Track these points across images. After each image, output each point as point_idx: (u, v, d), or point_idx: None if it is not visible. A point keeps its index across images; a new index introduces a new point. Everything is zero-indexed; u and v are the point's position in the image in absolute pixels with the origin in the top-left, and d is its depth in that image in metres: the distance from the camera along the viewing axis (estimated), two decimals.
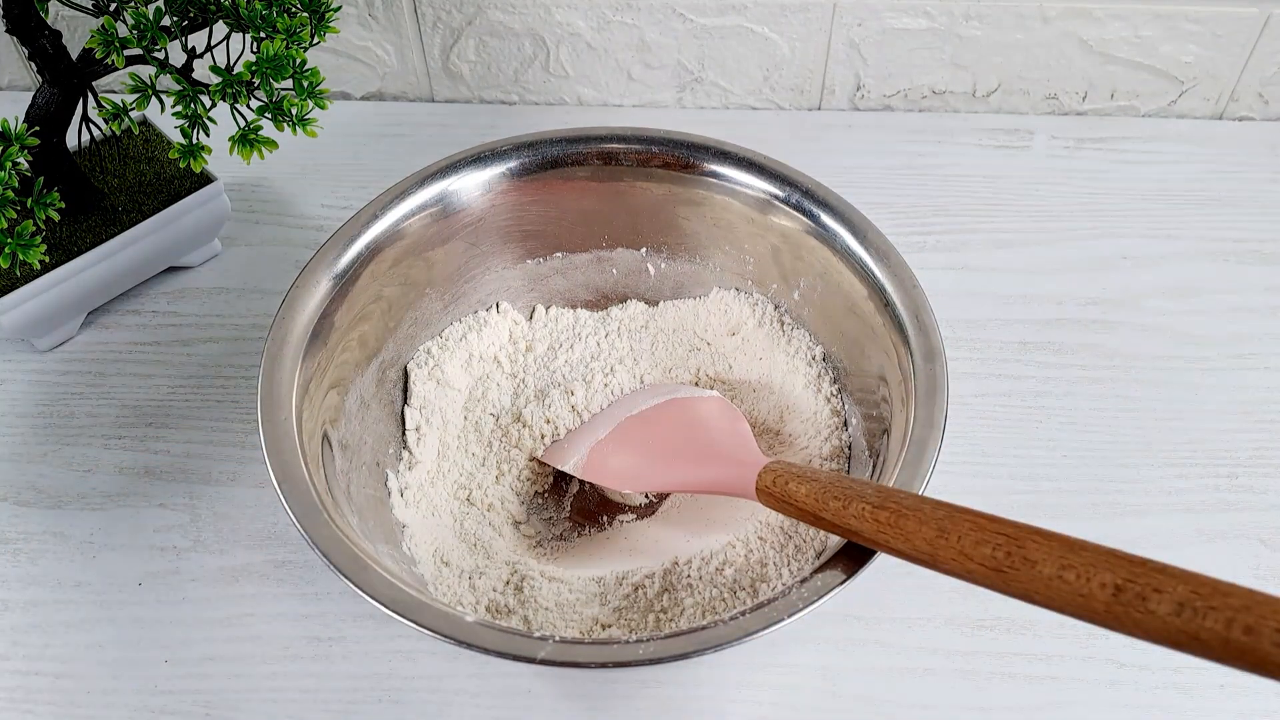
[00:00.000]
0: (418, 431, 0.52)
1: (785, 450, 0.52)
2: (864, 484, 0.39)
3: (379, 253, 0.51)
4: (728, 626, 0.38)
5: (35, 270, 0.55)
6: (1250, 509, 0.52)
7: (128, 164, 0.61)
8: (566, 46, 0.71)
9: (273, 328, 0.46)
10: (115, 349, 0.59)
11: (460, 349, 0.56)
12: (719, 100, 0.74)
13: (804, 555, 0.46)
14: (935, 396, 0.44)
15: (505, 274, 0.57)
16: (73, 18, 0.71)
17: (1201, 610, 0.27)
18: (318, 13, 0.51)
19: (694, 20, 0.69)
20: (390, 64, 0.73)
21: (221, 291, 0.62)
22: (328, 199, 0.67)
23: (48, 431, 0.55)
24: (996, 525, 0.34)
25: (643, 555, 0.49)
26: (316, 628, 0.48)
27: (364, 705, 0.46)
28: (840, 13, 0.68)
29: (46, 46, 0.52)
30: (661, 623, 0.45)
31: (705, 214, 0.56)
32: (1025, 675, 0.46)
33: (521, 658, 0.37)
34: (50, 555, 0.51)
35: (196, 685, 0.46)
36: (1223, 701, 0.45)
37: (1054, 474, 0.53)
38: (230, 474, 0.54)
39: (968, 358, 0.58)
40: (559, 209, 0.56)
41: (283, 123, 0.48)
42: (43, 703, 0.46)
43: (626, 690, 0.46)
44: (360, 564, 0.39)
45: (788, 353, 0.55)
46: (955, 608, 0.48)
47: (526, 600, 0.46)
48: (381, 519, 0.48)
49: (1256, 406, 0.56)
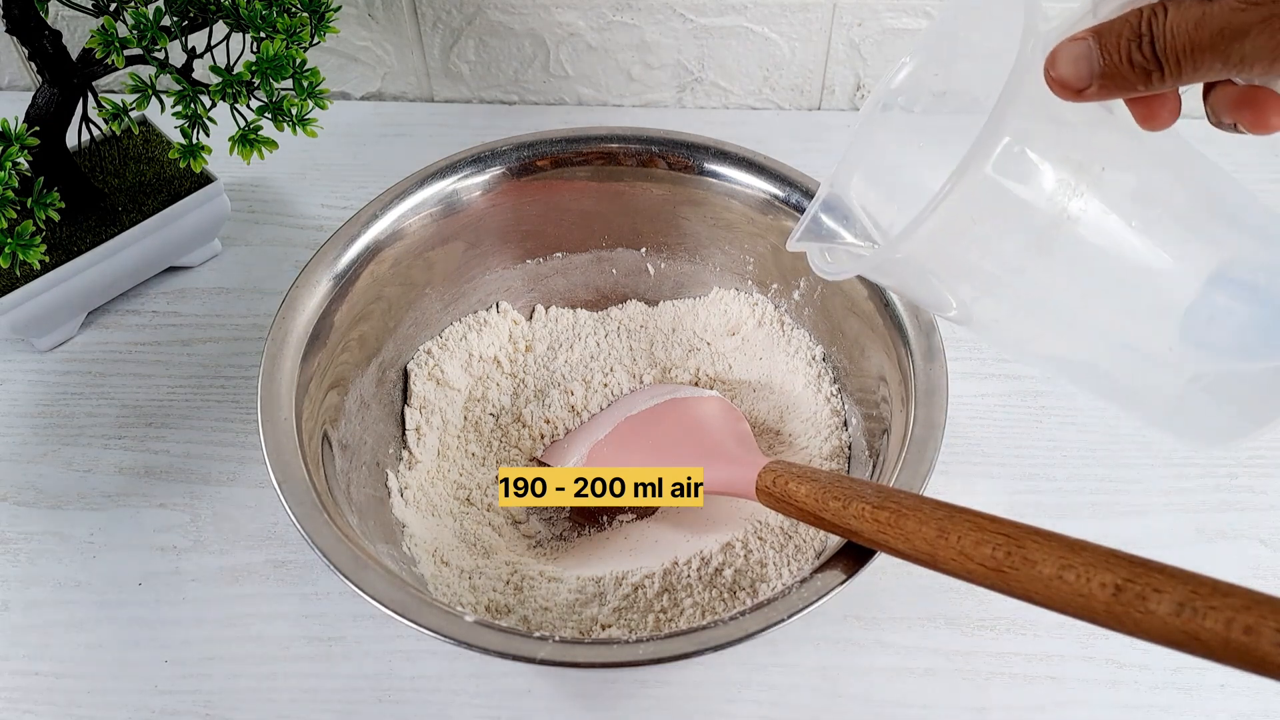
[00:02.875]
0: (418, 431, 0.52)
1: (785, 450, 0.52)
2: (864, 484, 0.39)
3: (379, 253, 0.51)
4: (728, 626, 0.38)
5: (35, 270, 0.55)
6: (1250, 509, 0.52)
7: (128, 164, 0.61)
8: (566, 46, 0.71)
9: (273, 328, 0.46)
10: (115, 349, 0.59)
11: (460, 349, 0.56)
12: (719, 100, 0.74)
13: (804, 555, 0.46)
14: (935, 396, 0.44)
15: (505, 274, 0.57)
16: (73, 18, 0.71)
17: (1201, 610, 0.27)
18: (318, 13, 0.51)
19: (694, 20, 0.69)
20: (390, 64, 0.73)
21: (221, 291, 0.62)
22: (328, 199, 0.67)
23: (48, 431, 0.55)
24: (996, 525, 0.34)
25: (642, 555, 0.49)
26: (316, 628, 0.48)
27: (364, 705, 0.46)
28: (840, 13, 0.68)
29: (46, 46, 0.52)
30: (661, 623, 0.45)
31: (705, 214, 0.56)
32: (1025, 675, 0.46)
33: (521, 658, 0.37)
34: (50, 555, 0.51)
35: (196, 685, 0.46)
36: (1223, 701, 0.45)
37: (1054, 474, 0.53)
38: (230, 474, 0.54)
39: (968, 358, 0.58)
40: (559, 209, 0.56)
41: (283, 123, 0.49)
42: (43, 703, 0.46)
43: (626, 690, 0.46)
44: (360, 564, 0.39)
45: (788, 353, 0.55)
46: (955, 608, 0.48)
47: (526, 600, 0.46)
48: (381, 519, 0.48)
49: None
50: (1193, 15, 0.28)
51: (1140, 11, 0.29)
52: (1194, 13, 0.28)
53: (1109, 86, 0.30)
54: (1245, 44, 0.27)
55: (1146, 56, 0.29)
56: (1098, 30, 0.29)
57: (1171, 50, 0.28)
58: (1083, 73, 0.30)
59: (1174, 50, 0.28)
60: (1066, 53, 0.30)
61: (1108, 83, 0.29)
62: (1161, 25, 0.28)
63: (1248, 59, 0.28)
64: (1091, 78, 0.29)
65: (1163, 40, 0.28)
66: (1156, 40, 0.28)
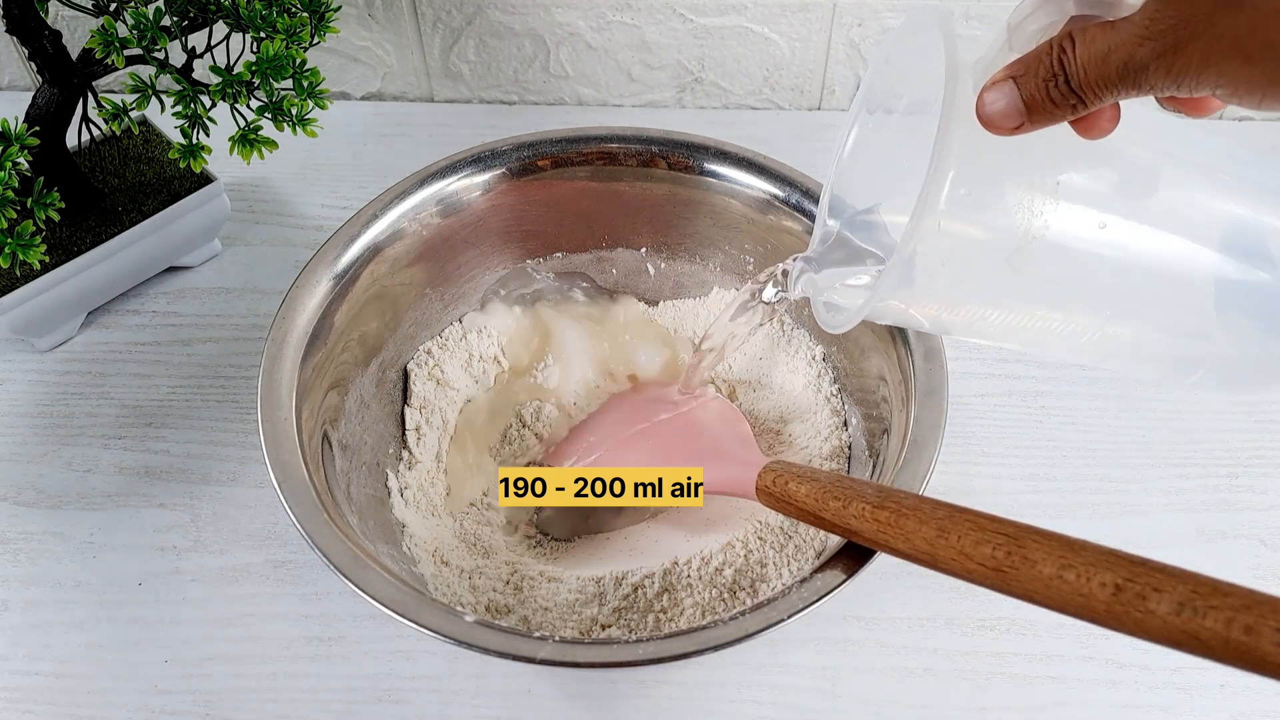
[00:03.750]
0: (418, 431, 0.52)
1: (785, 450, 0.52)
2: (864, 484, 0.39)
3: (379, 253, 0.51)
4: (728, 626, 0.38)
5: (35, 270, 0.55)
6: (1250, 509, 0.52)
7: (128, 164, 0.61)
8: (566, 46, 0.71)
9: (273, 328, 0.46)
10: (115, 349, 0.59)
11: (460, 349, 0.56)
12: (719, 100, 0.74)
13: (804, 555, 0.46)
14: (935, 396, 0.44)
15: (505, 274, 0.57)
16: (73, 18, 0.71)
17: (1201, 610, 0.27)
18: (318, 13, 0.51)
19: (694, 20, 0.69)
20: (390, 64, 0.73)
21: (221, 291, 0.62)
22: (328, 199, 0.67)
23: (48, 431, 0.55)
24: (996, 525, 0.34)
25: (642, 555, 0.49)
26: (316, 628, 0.48)
27: (364, 705, 0.46)
28: (840, 13, 0.68)
29: (46, 46, 0.52)
30: (661, 623, 0.45)
31: (705, 214, 0.56)
32: (1025, 675, 0.46)
33: (521, 658, 0.37)
34: (50, 555, 0.51)
35: (196, 685, 0.46)
36: (1223, 701, 0.45)
37: (1054, 474, 0.53)
38: (230, 474, 0.54)
39: (968, 358, 0.58)
40: (559, 209, 0.56)
41: (283, 123, 0.49)
42: (43, 703, 0.46)
43: (626, 690, 0.46)
44: (360, 564, 0.39)
45: (788, 353, 0.55)
46: (955, 608, 0.48)
47: (526, 600, 0.46)
48: (381, 519, 0.48)
49: (1256, 406, 0.56)
50: (1098, 50, 0.29)
51: (1050, 47, 0.30)
52: (1099, 47, 0.29)
53: (1039, 120, 0.31)
54: (1149, 76, 0.28)
55: (1064, 92, 0.30)
56: (1015, 71, 0.30)
57: (1086, 84, 0.29)
58: (1010, 112, 0.31)
59: (1088, 84, 0.29)
60: (991, 96, 0.31)
61: (1036, 117, 0.30)
62: (1072, 60, 0.29)
63: (1159, 86, 0.28)
64: (1020, 116, 0.30)
65: (1076, 77, 0.29)
66: (1071, 78, 0.29)
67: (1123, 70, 0.28)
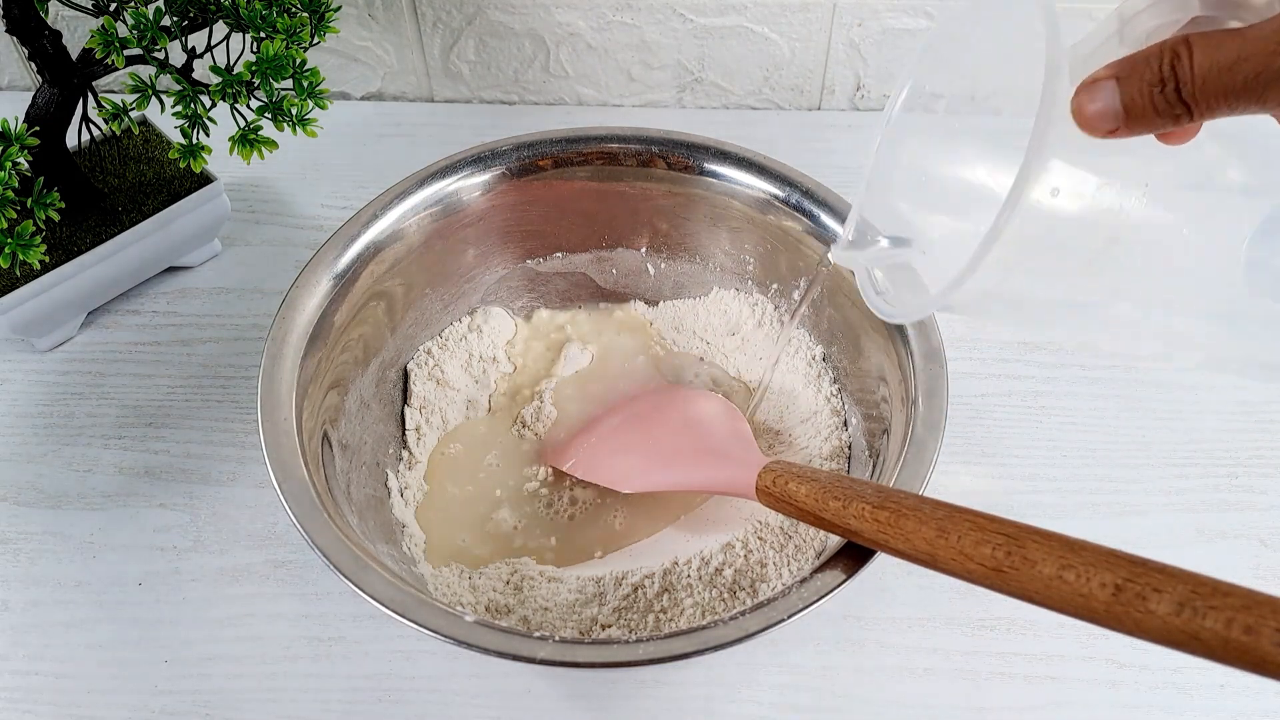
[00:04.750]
0: (418, 431, 0.52)
1: (785, 450, 0.52)
2: (864, 484, 0.39)
3: (379, 253, 0.51)
4: (728, 626, 0.38)
5: (35, 270, 0.55)
6: (1250, 509, 0.52)
7: (128, 164, 0.61)
8: (566, 46, 0.71)
9: (273, 328, 0.46)
10: (115, 349, 0.59)
11: (460, 349, 0.56)
12: (719, 100, 0.74)
13: (804, 555, 0.46)
14: (935, 396, 0.44)
15: (505, 274, 0.57)
16: (73, 18, 0.71)
17: (1201, 610, 0.27)
18: (318, 13, 0.51)
19: (694, 20, 0.69)
20: (390, 64, 0.73)
21: (221, 291, 0.62)
22: (328, 199, 0.67)
23: (48, 431, 0.55)
24: (996, 525, 0.34)
25: (642, 555, 0.49)
26: (316, 628, 0.48)
27: (364, 705, 0.46)
28: (840, 13, 0.68)
29: (46, 46, 0.52)
30: (661, 623, 0.45)
31: (705, 214, 0.56)
32: (1025, 675, 0.46)
33: (521, 658, 0.37)
34: (50, 555, 0.51)
35: (196, 685, 0.46)
36: (1223, 701, 0.45)
37: (1054, 474, 0.53)
38: (230, 474, 0.54)
39: (968, 358, 0.58)
40: (559, 209, 0.56)
41: (283, 123, 0.48)
42: (43, 703, 0.46)
43: (626, 690, 0.46)
44: (360, 564, 0.39)
45: (788, 352, 0.55)
46: (955, 608, 0.48)
47: (526, 600, 0.46)
48: (381, 519, 0.48)
49: (1256, 406, 0.56)
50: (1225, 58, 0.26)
51: (1162, 51, 0.27)
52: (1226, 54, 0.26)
53: (1136, 127, 0.28)
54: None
55: (1170, 101, 0.27)
56: (1119, 71, 0.28)
57: (1201, 95, 0.26)
58: (1108, 115, 0.28)
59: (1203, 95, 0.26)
60: (1089, 95, 0.28)
61: (1134, 124, 0.28)
62: (1187, 68, 0.26)
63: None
64: (1117, 120, 0.28)
65: (1189, 85, 0.26)
66: (1182, 86, 0.26)
67: (1252, 82, 0.25)
